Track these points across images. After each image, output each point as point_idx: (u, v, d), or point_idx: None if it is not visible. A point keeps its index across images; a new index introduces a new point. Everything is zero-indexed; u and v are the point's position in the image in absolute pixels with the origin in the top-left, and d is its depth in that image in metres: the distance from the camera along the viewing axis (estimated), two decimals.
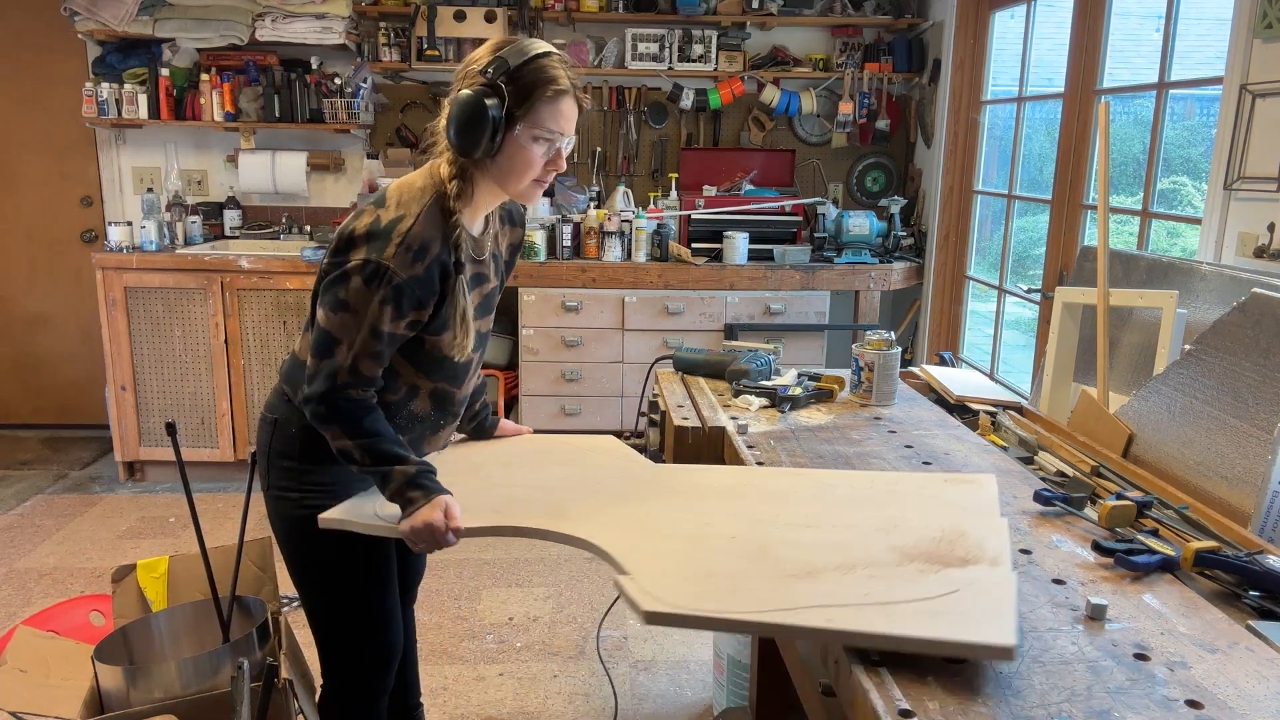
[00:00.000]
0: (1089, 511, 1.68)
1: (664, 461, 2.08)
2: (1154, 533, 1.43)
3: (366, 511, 1.53)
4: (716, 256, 4.14)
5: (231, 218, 4.42)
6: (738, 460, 1.84)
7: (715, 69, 4.37)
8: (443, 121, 1.50)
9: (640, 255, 4.06)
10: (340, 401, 1.48)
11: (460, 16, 4.18)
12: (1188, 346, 1.78)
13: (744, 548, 1.31)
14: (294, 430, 1.62)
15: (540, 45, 1.49)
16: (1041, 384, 2.48)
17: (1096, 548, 1.37)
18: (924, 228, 4.36)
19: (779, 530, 1.37)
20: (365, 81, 4.28)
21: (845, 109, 4.41)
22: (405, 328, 1.50)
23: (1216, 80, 2.38)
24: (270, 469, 1.65)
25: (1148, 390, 1.88)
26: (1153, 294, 2.12)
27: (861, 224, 4.12)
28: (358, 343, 1.45)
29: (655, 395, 2.26)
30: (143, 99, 4.18)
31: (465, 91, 1.44)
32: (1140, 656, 1.13)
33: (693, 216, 4.20)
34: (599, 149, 4.56)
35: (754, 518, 1.42)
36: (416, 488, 1.46)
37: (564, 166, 1.55)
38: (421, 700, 2.07)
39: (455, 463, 1.73)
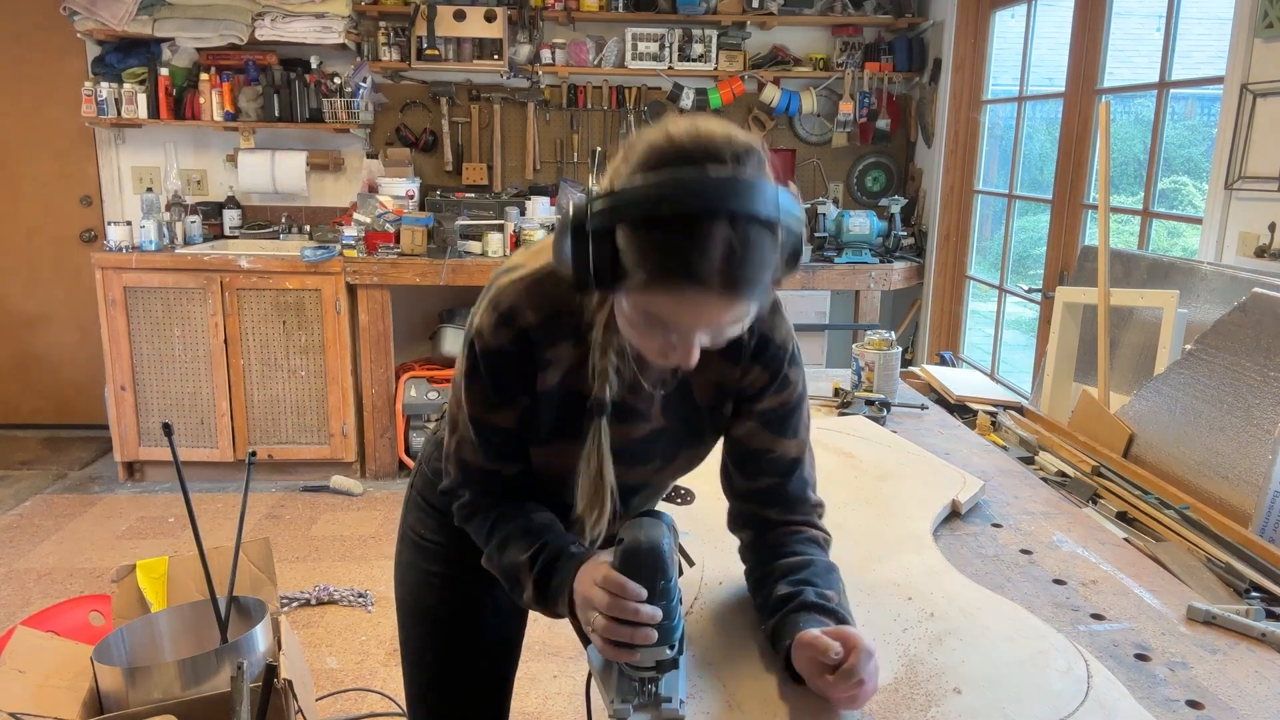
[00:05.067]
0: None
1: None
2: None
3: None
4: None
5: (231, 217, 4.41)
6: None
7: (715, 68, 4.36)
8: None
9: None
10: None
11: (460, 16, 4.18)
12: (1189, 346, 1.78)
13: None
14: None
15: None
16: (1042, 384, 2.48)
17: None
18: (924, 227, 4.35)
19: None
20: (365, 81, 4.27)
21: (845, 108, 4.41)
22: None
23: (1217, 80, 2.38)
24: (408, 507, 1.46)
25: (1149, 390, 1.88)
26: (1153, 294, 2.11)
27: (862, 224, 4.12)
28: None
29: None
30: (142, 98, 4.18)
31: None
32: (1141, 657, 1.13)
33: None
34: (599, 149, 4.55)
35: None
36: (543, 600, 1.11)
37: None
38: None
39: None
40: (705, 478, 1.30)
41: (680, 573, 1.20)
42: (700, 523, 1.44)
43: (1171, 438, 1.78)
